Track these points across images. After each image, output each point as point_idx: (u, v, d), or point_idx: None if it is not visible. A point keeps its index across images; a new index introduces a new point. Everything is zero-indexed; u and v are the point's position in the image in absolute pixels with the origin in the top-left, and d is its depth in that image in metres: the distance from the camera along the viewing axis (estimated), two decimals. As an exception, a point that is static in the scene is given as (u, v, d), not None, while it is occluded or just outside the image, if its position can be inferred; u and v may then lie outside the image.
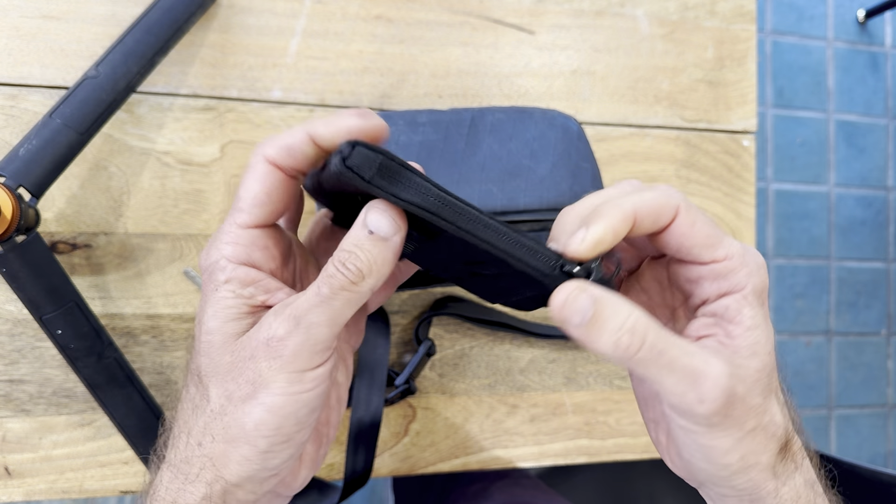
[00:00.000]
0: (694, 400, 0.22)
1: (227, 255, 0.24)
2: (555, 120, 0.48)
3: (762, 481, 0.25)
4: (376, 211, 0.23)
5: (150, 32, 0.43)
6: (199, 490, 0.24)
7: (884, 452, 1.58)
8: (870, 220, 1.60)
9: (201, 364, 0.24)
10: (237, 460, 0.23)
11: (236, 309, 0.24)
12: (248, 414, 0.23)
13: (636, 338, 0.22)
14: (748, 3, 0.59)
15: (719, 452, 0.24)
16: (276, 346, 0.23)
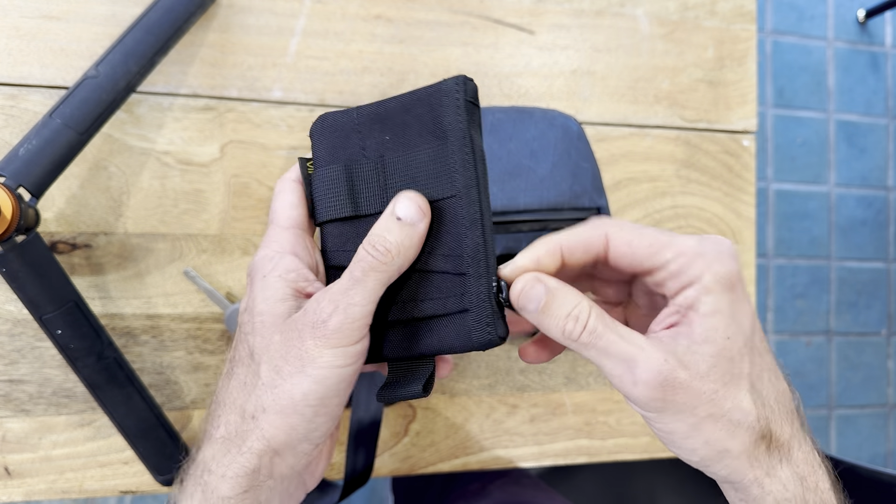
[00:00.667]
0: (629, 382, 0.25)
1: (274, 248, 0.28)
2: (555, 120, 0.48)
3: (741, 469, 0.25)
4: (405, 199, 0.27)
5: (150, 32, 0.43)
6: (250, 462, 0.26)
7: (884, 452, 1.58)
8: (870, 220, 1.60)
9: (254, 344, 0.27)
10: (285, 429, 0.26)
11: (282, 291, 0.27)
12: (297, 385, 0.26)
13: (579, 324, 0.25)
14: (748, 3, 0.59)
15: (679, 437, 0.25)
16: (321, 326, 0.26)
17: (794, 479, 0.26)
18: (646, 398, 0.24)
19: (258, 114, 0.49)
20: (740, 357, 0.25)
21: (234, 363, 0.28)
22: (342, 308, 0.26)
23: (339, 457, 0.50)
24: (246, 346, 0.28)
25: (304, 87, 0.50)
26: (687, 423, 0.25)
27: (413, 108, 0.29)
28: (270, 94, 0.49)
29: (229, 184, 0.48)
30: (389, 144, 0.29)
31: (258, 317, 0.27)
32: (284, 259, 0.28)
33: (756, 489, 0.25)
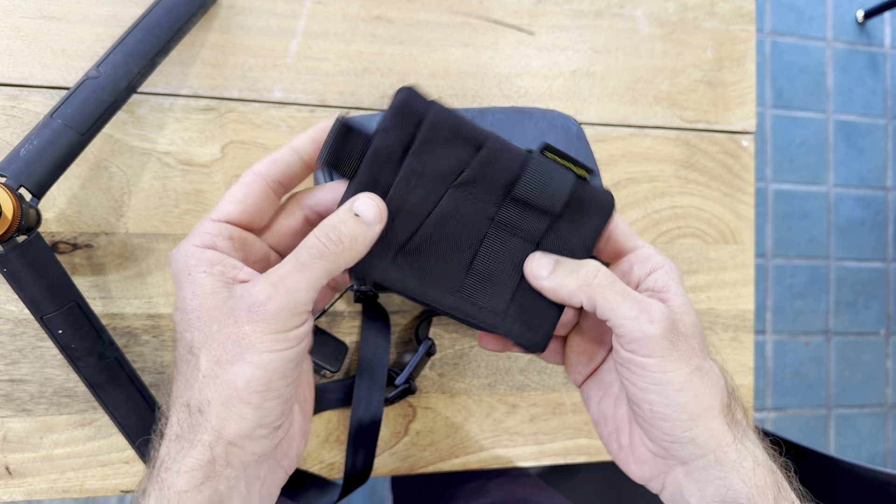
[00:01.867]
0: (645, 321, 0.27)
1: (195, 242, 0.27)
2: (554, 120, 0.48)
3: (720, 430, 0.27)
4: (365, 198, 0.27)
5: (151, 33, 0.43)
6: (203, 454, 0.25)
7: (883, 452, 1.58)
8: (869, 220, 1.60)
9: (192, 339, 0.26)
10: (234, 419, 0.25)
11: (211, 285, 0.26)
12: (238, 373, 0.25)
13: (591, 270, 0.29)
14: (747, 4, 0.59)
15: (674, 389, 0.27)
16: (259, 310, 0.25)
17: (759, 447, 0.28)
18: (659, 335, 0.27)
19: (259, 114, 0.49)
20: (703, 334, 0.29)
21: (177, 363, 0.28)
22: (282, 292, 0.25)
23: (339, 456, 0.50)
24: (184, 343, 0.27)
25: (305, 87, 0.50)
26: (683, 372, 0.27)
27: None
28: (271, 94, 0.49)
29: (230, 184, 0.48)
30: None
31: (192, 313, 0.26)
32: (206, 253, 0.27)
33: (733, 453, 0.27)
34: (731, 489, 0.27)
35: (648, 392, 0.28)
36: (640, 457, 0.31)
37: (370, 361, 0.48)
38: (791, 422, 1.53)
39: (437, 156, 0.29)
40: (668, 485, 0.30)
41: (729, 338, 0.59)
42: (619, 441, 0.32)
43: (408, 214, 0.29)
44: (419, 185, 0.29)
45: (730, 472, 0.27)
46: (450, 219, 0.30)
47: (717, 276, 0.58)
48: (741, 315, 0.59)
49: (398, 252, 0.29)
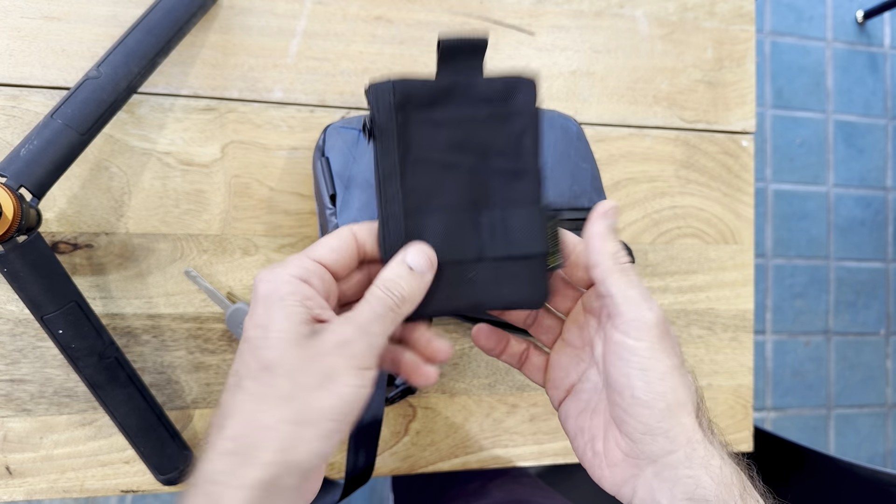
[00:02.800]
0: (646, 308, 0.30)
1: (293, 272, 0.29)
2: (554, 120, 0.48)
3: (691, 427, 0.29)
4: (414, 251, 0.30)
5: (151, 33, 0.43)
6: (263, 473, 0.26)
7: (883, 452, 1.58)
8: (868, 220, 1.60)
9: (271, 357, 0.28)
10: (303, 442, 0.27)
11: (301, 315, 0.28)
12: (319, 399, 0.27)
13: (624, 254, 0.31)
14: (747, 4, 0.59)
15: (656, 376, 0.29)
16: (347, 346, 0.28)
17: (724, 448, 0.30)
18: (654, 323, 0.29)
19: (259, 114, 0.49)
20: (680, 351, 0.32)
21: (243, 377, 0.29)
22: (366, 334, 0.29)
23: (340, 456, 0.50)
24: (257, 360, 0.28)
25: (305, 87, 0.50)
26: (665, 364, 0.29)
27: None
28: (271, 94, 0.49)
29: (230, 184, 0.48)
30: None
31: (277, 333, 0.28)
32: (302, 286, 0.29)
33: (702, 450, 0.29)
34: (699, 486, 0.29)
35: (632, 377, 0.30)
36: (613, 459, 0.32)
37: (370, 361, 0.48)
38: (791, 422, 1.53)
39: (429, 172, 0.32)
40: (638, 489, 0.31)
41: (729, 338, 0.59)
42: (593, 449, 0.33)
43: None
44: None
45: (699, 470, 0.29)
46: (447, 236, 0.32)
47: (717, 276, 0.58)
48: (741, 315, 0.59)
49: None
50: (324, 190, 0.43)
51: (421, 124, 0.31)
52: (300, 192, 0.50)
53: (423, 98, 0.31)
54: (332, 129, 0.45)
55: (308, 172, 0.50)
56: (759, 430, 0.65)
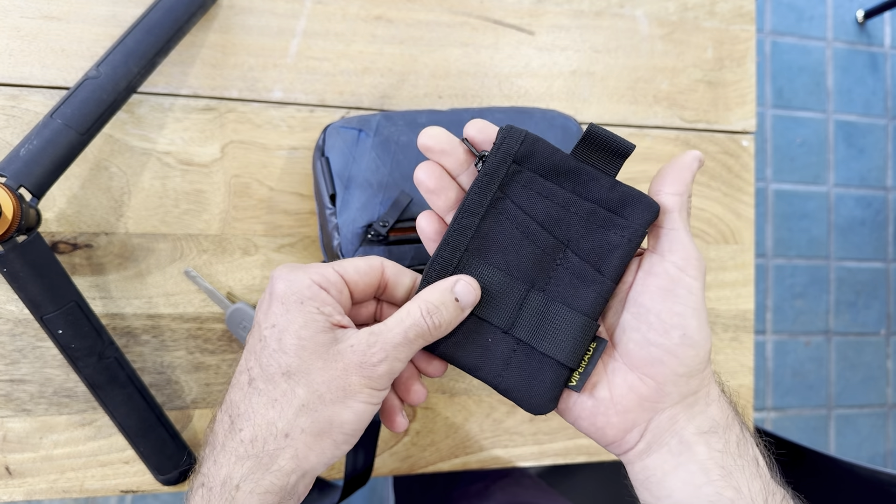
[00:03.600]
0: (694, 252, 0.30)
1: (314, 279, 0.29)
2: (554, 120, 0.48)
3: (705, 364, 0.30)
4: (466, 283, 0.30)
5: (151, 33, 0.43)
6: (281, 480, 0.27)
7: (883, 452, 1.58)
8: (869, 220, 1.60)
9: (291, 364, 0.28)
10: (318, 451, 0.28)
11: (321, 323, 0.29)
12: (337, 413, 0.28)
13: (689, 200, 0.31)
14: (747, 4, 0.59)
15: (704, 319, 0.29)
16: (370, 368, 0.28)
17: (725, 401, 0.31)
18: (701, 268, 0.29)
19: (259, 114, 0.49)
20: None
21: (257, 377, 0.29)
22: (391, 359, 0.29)
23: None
24: (277, 364, 0.28)
25: (305, 87, 0.50)
26: (696, 296, 0.29)
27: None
28: (271, 94, 0.49)
29: (230, 184, 0.48)
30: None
31: (298, 340, 0.28)
32: (321, 294, 0.29)
33: (715, 389, 0.30)
34: (711, 418, 0.30)
35: (686, 317, 0.29)
36: (625, 405, 0.30)
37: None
38: (791, 422, 1.53)
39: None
40: (650, 430, 0.30)
41: (729, 338, 0.59)
42: (594, 396, 0.31)
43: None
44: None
45: (712, 404, 0.30)
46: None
47: (718, 276, 0.58)
48: (741, 315, 0.59)
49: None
50: (324, 190, 0.43)
51: (528, 185, 0.31)
52: (300, 192, 0.49)
53: (545, 164, 0.30)
54: (331, 128, 0.45)
55: (308, 172, 0.50)
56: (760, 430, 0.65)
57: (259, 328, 0.29)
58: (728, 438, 0.30)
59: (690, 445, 0.30)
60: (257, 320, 0.30)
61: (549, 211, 0.31)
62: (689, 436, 0.30)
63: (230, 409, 0.29)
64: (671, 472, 0.30)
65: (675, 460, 0.30)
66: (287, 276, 0.30)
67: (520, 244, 0.31)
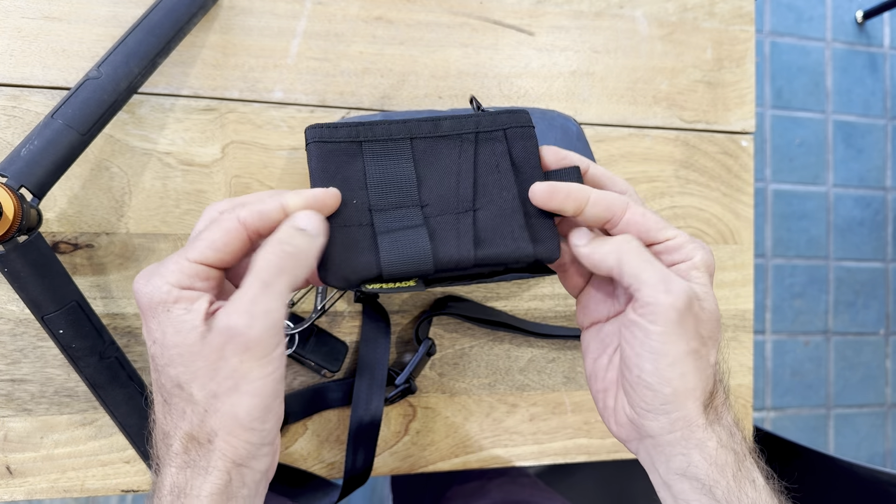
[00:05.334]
0: (663, 290, 0.29)
1: (171, 281, 0.27)
2: (554, 121, 0.48)
3: (696, 412, 0.29)
4: (304, 214, 0.28)
5: (152, 33, 0.43)
6: (220, 478, 0.27)
7: (882, 452, 1.58)
8: (868, 220, 1.60)
9: (178, 375, 0.27)
10: (242, 444, 0.27)
11: (191, 322, 0.27)
12: (237, 404, 0.27)
13: (625, 238, 0.30)
14: (747, 5, 0.60)
15: (667, 362, 0.29)
16: (240, 339, 0.26)
17: (726, 430, 0.30)
18: (670, 306, 0.28)
19: (259, 115, 0.49)
20: (719, 326, 0.31)
21: (165, 393, 0.28)
22: (259, 316, 0.26)
23: (339, 456, 0.50)
24: (168, 378, 0.28)
25: (305, 88, 0.50)
26: (679, 348, 0.29)
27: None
28: (271, 95, 0.49)
29: (231, 184, 0.48)
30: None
31: (173, 349, 0.27)
32: (185, 293, 0.27)
33: (700, 433, 0.29)
34: (691, 465, 0.29)
35: (642, 358, 0.30)
36: (620, 419, 0.33)
37: (370, 361, 0.48)
38: (790, 422, 1.53)
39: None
40: (640, 450, 0.33)
41: (728, 338, 0.59)
42: (604, 401, 0.34)
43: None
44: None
45: (693, 450, 0.30)
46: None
47: (717, 276, 0.58)
48: (740, 315, 0.59)
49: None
50: (324, 190, 0.43)
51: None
52: (300, 193, 0.50)
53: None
54: (332, 129, 0.45)
55: (308, 173, 0.50)
56: (759, 430, 0.65)
57: (148, 348, 0.28)
58: (709, 486, 0.29)
59: (669, 485, 0.31)
60: (145, 339, 0.29)
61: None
62: (664, 473, 0.31)
63: (160, 426, 0.29)
64: (660, 496, 0.32)
65: (659, 490, 0.32)
66: (145, 288, 0.28)
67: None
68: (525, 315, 0.54)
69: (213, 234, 0.28)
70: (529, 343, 0.54)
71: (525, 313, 0.54)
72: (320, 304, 0.47)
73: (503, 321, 0.52)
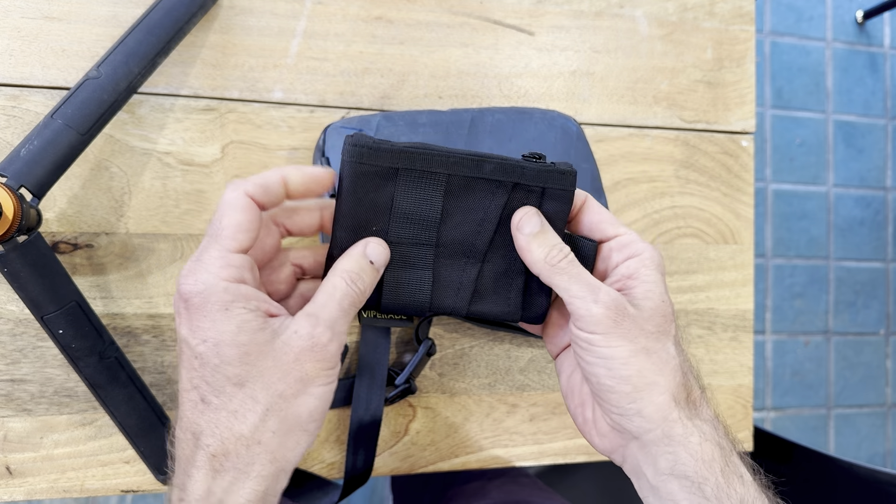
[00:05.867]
0: (591, 301, 0.30)
1: (225, 277, 0.28)
2: (554, 121, 0.48)
3: (666, 406, 0.29)
4: (375, 244, 0.31)
5: (152, 33, 0.43)
6: (261, 485, 0.27)
7: (882, 452, 1.58)
8: (868, 220, 1.60)
9: (239, 373, 0.27)
10: (292, 447, 0.28)
11: (255, 322, 0.28)
12: (303, 404, 0.28)
13: (561, 253, 0.31)
14: (747, 4, 0.60)
15: (618, 363, 0.30)
16: (322, 350, 0.28)
17: (709, 424, 0.30)
18: (601, 315, 0.29)
19: (259, 115, 0.49)
20: (668, 319, 0.31)
21: (209, 394, 0.28)
22: (338, 335, 0.29)
23: (340, 456, 0.50)
24: (224, 376, 0.27)
25: (305, 88, 0.50)
26: (626, 349, 0.30)
27: None
28: (271, 95, 0.49)
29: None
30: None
31: (235, 348, 0.27)
32: (241, 288, 0.28)
33: (680, 428, 0.29)
34: (679, 462, 0.29)
35: (594, 366, 0.30)
36: (601, 430, 0.33)
37: (370, 361, 0.48)
38: (790, 422, 1.53)
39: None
40: (627, 457, 0.32)
41: (728, 338, 0.59)
42: (583, 415, 0.34)
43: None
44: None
45: (677, 447, 0.30)
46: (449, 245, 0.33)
47: (717, 276, 0.58)
48: (741, 315, 0.59)
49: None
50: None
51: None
52: (300, 192, 0.50)
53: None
54: (332, 129, 0.45)
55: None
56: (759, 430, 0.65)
57: (188, 345, 0.28)
58: (698, 483, 0.29)
59: (657, 488, 0.31)
60: (183, 336, 0.28)
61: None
62: (652, 476, 0.31)
63: (189, 426, 0.28)
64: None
65: (647, 497, 0.32)
66: (195, 286, 0.27)
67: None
68: (525, 315, 0.54)
69: (234, 218, 0.28)
70: (529, 343, 0.54)
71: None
72: (320, 304, 0.47)
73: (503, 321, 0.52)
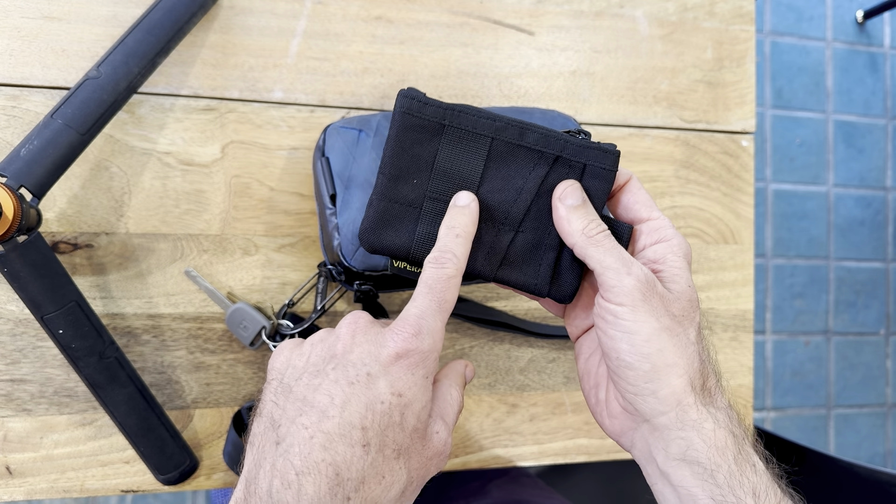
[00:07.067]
0: (624, 272, 0.30)
1: (436, 347, 0.30)
2: (554, 120, 0.48)
3: (682, 389, 0.29)
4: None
5: (152, 33, 0.43)
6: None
7: (882, 452, 1.58)
8: (868, 220, 1.60)
9: (403, 443, 0.29)
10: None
11: (430, 406, 0.30)
12: (409, 499, 0.30)
13: (600, 227, 0.32)
14: (747, 4, 0.60)
15: (641, 339, 0.30)
16: (445, 460, 0.31)
17: (723, 412, 0.30)
18: (632, 286, 0.30)
19: (259, 114, 0.49)
20: (694, 306, 0.32)
21: (373, 446, 0.27)
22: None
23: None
24: (394, 440, 0.28)
25: (305, 87, 0.50)
26: (651, 325, 0.30)
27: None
28: (271, 94, 0.49)
29: (230, 184, 0.48)
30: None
31: (417, 421, 0.29)
32: (435, 366, 0.30)
33: (694, 413, 0.29)
34: (691, 447, 0.29)
35: (616, 340, 0.30)
36: (613, 411, 0.33)
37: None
38: (791, 422, 1.53)
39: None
40: (636, 441, 0.32)
41: (728, 337, 0.59)
42: (596, 396, 0.34)
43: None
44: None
45: (690, 432, 0.29)
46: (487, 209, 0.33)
47: (717, 276, 0.58)
48: (741, 315, 0.59)
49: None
50: (324, 190, 0.43)
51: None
52: (300, 192, 0.50)
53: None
54: (332, 128, 0.45)
55: (308, 172, 0.50)
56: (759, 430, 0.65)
57: (375, 385, 0.28)
58: (711, 470, 0.29)
59: (668, 474, 0.30)
60: (372, 372, 0.28)
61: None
62: (662, 462, 0.30)
63: (338, 468, 0.26)
64: (656, 491, 0.32)
65: (656, 484, 0.32)
66: (419, 343, 0.29)
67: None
68: (525, 315, 0.54)
69: (455, 294, 0.31)
70: (529, 343, 0.54)
71: (525, 313, 0.54)
72: (320, 304, 0.47)
73: (503, 321, 0.52)
